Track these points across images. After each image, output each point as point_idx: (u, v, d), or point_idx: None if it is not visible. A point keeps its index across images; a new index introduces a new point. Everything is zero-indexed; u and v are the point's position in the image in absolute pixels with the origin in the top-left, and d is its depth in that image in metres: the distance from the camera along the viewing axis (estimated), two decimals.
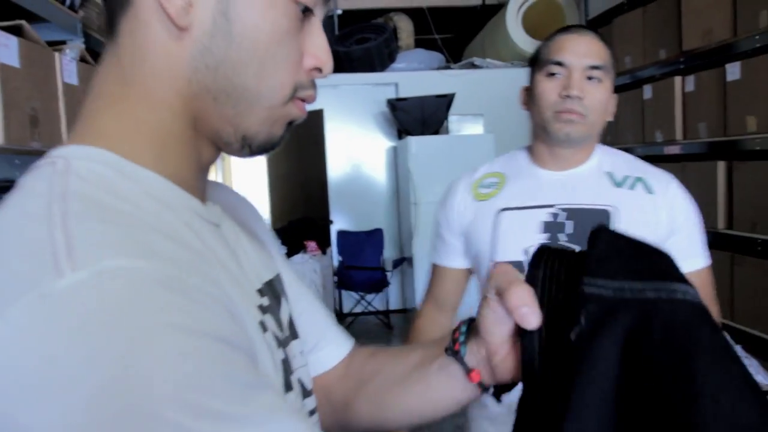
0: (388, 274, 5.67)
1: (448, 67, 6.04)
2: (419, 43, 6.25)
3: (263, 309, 0.58)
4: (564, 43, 1.22)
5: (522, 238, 1.24)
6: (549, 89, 1.22)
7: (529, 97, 1.29)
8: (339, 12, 5.84)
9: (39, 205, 0.43)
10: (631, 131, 3.83)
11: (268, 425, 0.38)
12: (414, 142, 5.08)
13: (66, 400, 0.35)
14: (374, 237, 5.99)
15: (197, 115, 0.53)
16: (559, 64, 1.21)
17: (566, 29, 1.26)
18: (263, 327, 0.56)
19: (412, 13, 6.12)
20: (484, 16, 6.51)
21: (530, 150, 1.34)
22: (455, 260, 1.40)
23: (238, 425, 0.36)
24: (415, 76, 5.71)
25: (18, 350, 0.36)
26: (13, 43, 1.51)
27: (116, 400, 0.34)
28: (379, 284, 5.60)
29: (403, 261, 5.67)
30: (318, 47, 0.54)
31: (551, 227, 1.24)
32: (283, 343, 0.60)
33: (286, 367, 0.59)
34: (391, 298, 5.82)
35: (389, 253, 5.95)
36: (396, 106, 5.21)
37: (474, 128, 5.23)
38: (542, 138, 1.28)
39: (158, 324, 0.38)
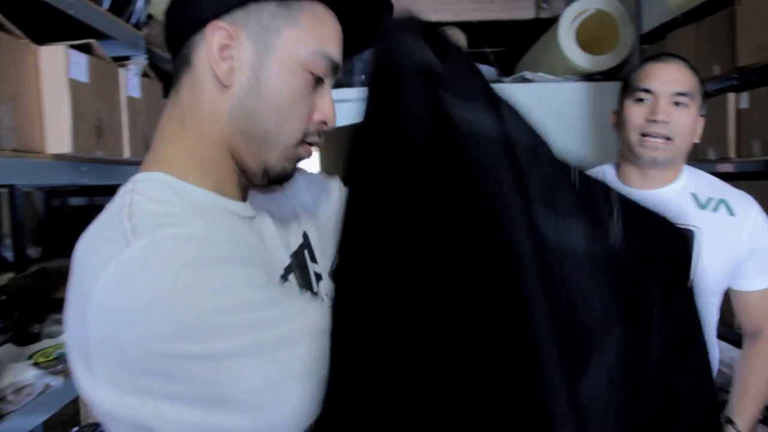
0: None
1: (499, 81, 6.06)
2: (471, 58, 6.30)
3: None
4: (652, 71, 1.29)
5: None
6: (636, 114, 1.31)
7: (618, 119, 1.35)
8: None
9: (114, 212, 0.65)
10: None
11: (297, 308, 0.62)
12: None
13: (147, 316, 0.56)
14: None
15: (233, 148, 0.71)
16: (647, 91, 1.27)
17: (655, 57, 1.32)
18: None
19: (465, 26, 6.17)
20: (537, 29, 6.50)
21: (618, 168, 1.38)
22: None
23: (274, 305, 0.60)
24: None
25: (111, 295, 0.58)
26: (83, 60, 1.64)
27: (180, 310, 0.56)
28: None
29: None
30: (326, 107, 0.72)
31: None
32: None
33: None
34: None
35: None
36: None
37: None
38: (629, 159, 1.33)
39: (194, 260, 0.59)
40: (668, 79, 1.28)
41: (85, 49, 1.68)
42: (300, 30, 0.68)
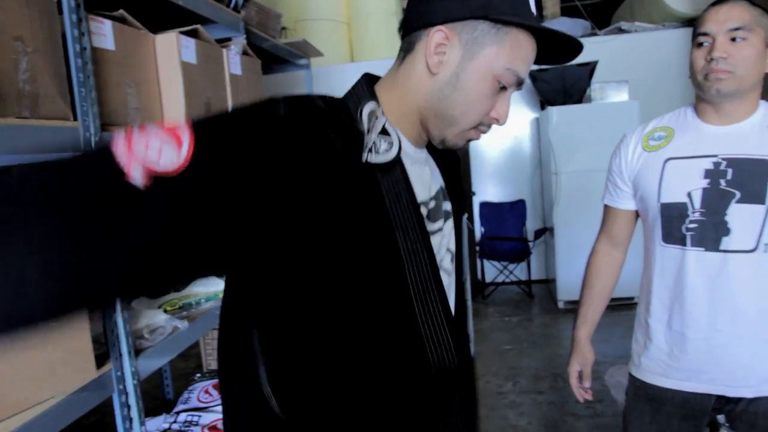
0: (530, 244, 5.74)
1: (594, 34, 5.90)
2: (565, 11, 6.15)
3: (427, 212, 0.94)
4: (707, 15, 1.37)
5: (685, 183, 1.42)
6: (698, 57, 1.38)
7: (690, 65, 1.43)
8: None
9: None
10: None
11: None
12: (555, 112, 5.07)
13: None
14: (517, 208, 6.06)
15: (422, 117, 0.91)
16: (704, 34, 1.34)
17: (714, 2, 1.38)
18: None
19: None
20: None
21: (696, 107, 1.46)
22: (626, 203, 1.60)
23: None
24: None
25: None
26: (192, 44, 1.86)
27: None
28: (521, 254, 5.69)
29: (545, 231, 5.70)
30: (502, 109, 0.90)
31: (713, 174, 1.39)
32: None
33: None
34: (533, 267, 5.89)
35: (531, 224, 6.01)
36: (537, 77, 5.22)
37: (618, 95, 5.10)
38: (703, 99, 1.41)
39: None
40: (721, 19, 1.33)
41: (193, 34, 1.90)
42: (501, 49, 0.85)
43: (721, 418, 1.48)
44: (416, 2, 0.89)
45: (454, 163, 1.10)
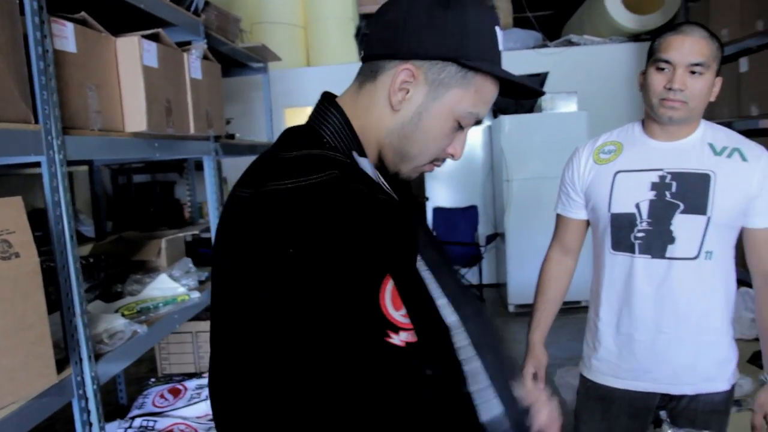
0: (482, 249, 5.85)
1: (545, 46, 6.07)
2: (517, 23, 6.30)
3: None
4: (671, 43, 1.44)
5: (634, 195, 1.51)
6: (657, 81, 1.46)
7: (644, 81, 1.50)
8: None
9: None
10: (726, 105, 3.78)
11: None
12: (507, 121, 5.20)
13: None
14: (469, 213, 6.17)
15: (382, 151, 0.91)
16: (666, 61, 1.41)
17: (676, 28, 1.46)
18: None
19: None
20: None
21: (643, 124, 1.55)
22: (578, 212, 1.68)
23: None
24: (510, 55, 5.79)
25: None
26: (153, 48, 1.85)
27: None
28: (472, 259, 5.79)
29: (496, 236, 5.83)
30: (459, 146, 0.92)
31: (658, 186, 1.50)
32: None
33: None
34: (485, 272, 6.01)
35: (483, 229, 6.13)
36: None
37: (567, 106, 5.26)
38: (652, 117, 1.50)
39: None
40: (686, 51, 1.41)
41: (154, 37, 1.89)
42: (466, 92, 0.86)
43: (663, 414, 1.56)
44: (383, 27, 0.87)
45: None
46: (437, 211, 6.20)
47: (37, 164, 1.43)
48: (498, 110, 5.43)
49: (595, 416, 1.63)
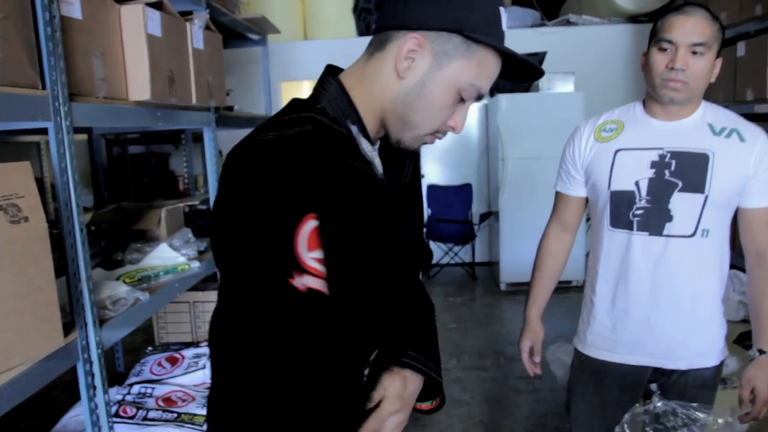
0: (475, 228, 5.89)
1: (543, 25, 6.05)
2: (516, 1, 6.27)
3: None
4: (674, 23, 1.46)
5: (634, 173, 1.54)
6: (659, 61, 1.48)
7: (646, 62, 1.52)
8: None
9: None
10: (722, 89, 3.80)
11: None
12: (504, 100, 5.20)
13: None
14: (464, 191, 6.20)
15: (385, 117, 0.95)
16: (669, 41, 1.43)
17: (679, 9, 1.47)
18: None
19: None
20: None
21: (644, 103, 1.57)
22: (578, 190, 1.70)
23: None
24: (508, 34, 5.68)
25: None
26: (157, 16, 1.85)
27: None
28: (466, 237, 5.83)
29: (490, 215, 5.86)
30: (459, 119, 0.95)
31: (658, 165, 1.52)
32: None
33: None
34: (477, 250, 6.06)
35: (477, 208, 6.17)
36: None
37: (564, 86, 5.27)
38: (653, 96, 1.52)
39: None
40: (688, 31, 1.43)
41: (158, 6, 1.89)
42: (469, 64, 0.89)
43: (653, 386, 1.61)
44: (393, 1, 0.91)
45: (411, 156, 1.13)
46: (431, 188, 6.22)
47: (32, 132, 1.44)
48: (495, 89, 5.43)
49: (588, 389, 1.68)
